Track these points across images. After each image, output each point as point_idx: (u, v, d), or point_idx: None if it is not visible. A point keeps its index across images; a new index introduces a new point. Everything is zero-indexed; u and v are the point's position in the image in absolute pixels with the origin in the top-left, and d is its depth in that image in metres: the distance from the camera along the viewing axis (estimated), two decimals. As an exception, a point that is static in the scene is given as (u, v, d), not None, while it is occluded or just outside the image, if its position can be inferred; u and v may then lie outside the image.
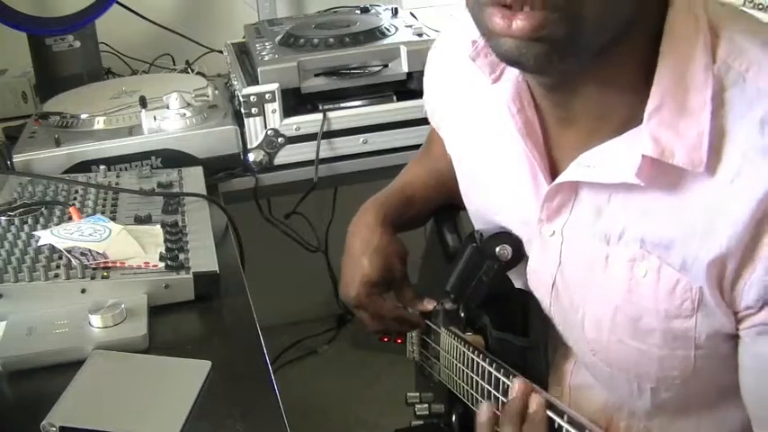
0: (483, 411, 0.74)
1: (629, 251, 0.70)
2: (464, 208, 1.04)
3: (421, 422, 0.96)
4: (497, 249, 0.82)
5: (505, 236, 0.83)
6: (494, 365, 0.76)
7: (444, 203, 1.03)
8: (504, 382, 0.74)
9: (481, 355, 0.79)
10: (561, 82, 0.70)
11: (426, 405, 0.94)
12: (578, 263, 0.76)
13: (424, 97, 1.04)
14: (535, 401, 0.69)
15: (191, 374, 0.82)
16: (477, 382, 0.79)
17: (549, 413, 0.67)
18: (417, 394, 0.96)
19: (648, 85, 0.65)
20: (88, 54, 1.68)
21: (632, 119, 0.67)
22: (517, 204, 0.81)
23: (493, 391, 0.76)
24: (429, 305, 0.94)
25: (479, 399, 0.79)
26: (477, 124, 0.86)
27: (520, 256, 0.82)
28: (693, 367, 0.71)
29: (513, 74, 0.76)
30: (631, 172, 0.65)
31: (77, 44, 1.64)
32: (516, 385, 0.71)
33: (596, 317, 0.75)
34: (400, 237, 0.98)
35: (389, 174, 1.11)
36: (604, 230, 0.72)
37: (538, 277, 0.81)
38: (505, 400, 0.73)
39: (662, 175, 0.65)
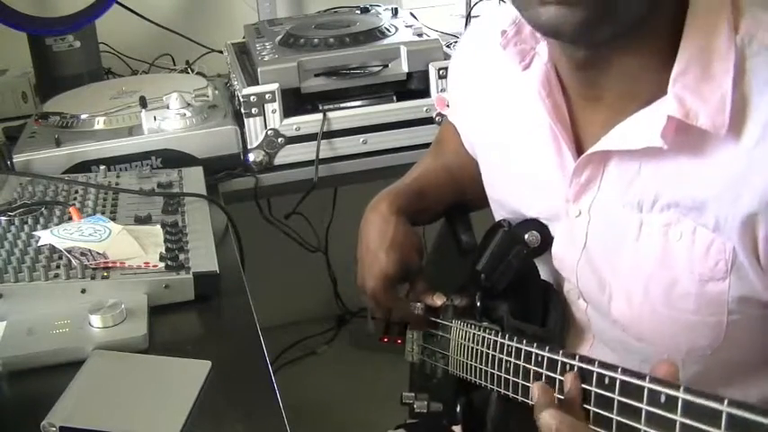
0: (536, 393, 0.69)
1: (663, 217, 0.72)
2: (474, 208, 1.04)
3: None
4: (526, 236, 0.85)
5: (533, 223, 0.86)
6: (524, 342, 0.74)
7: (456, 201, 1.03)
8: (537, 355, 0.71)
9: (507, 336, 0.78)
10: (592, 57, 0.72)
11: (425, 403, 0.94)
12: (606, 240, 0.78)
13: (447, 86, 1.05)
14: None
15: (191, 374, 0.82)
16: (501, 360, 0.78)
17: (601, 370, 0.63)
18: (412, 394, 0.96)
19: (673, 63, 0.68)
20: (88, 54, 1.68)
21: (657, 96, 0.70)
22: (544, 189, 0.83)
23: (523, 364, 0.74)
24: (438, 300, 0.94)
25: (504, 377, 0.77)
26: (505, 112, 0.88)
27: (547, 243, 0.85)
28: (724, 336, 0.73)
29: (541, 61, 0.80)
30: (656, 136, 0.68)
31: (77, 44, 1.64)
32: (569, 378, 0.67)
33: (626, 291, 0.77)
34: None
35: (389, 174, 1.11)
36: (637, 198, 0.74)
37: (562, 261, 0.84)
38: (539, 370, 0.70)
39: (686, 138, 0.68)
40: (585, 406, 0.63)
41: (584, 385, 0.64)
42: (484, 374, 0.82)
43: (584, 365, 0.64)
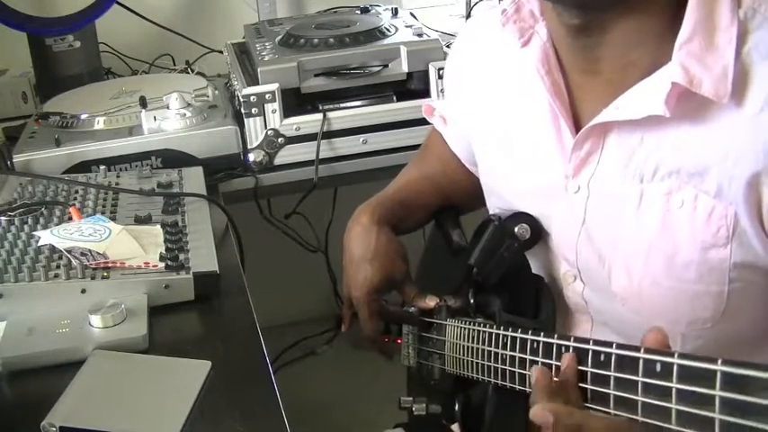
0: (537, 375, 0.69)
1: (663, 185, 0.73)
2: (463, 211, 1.05)
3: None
4: (516, 229, 0.86)
5: (524, 216, 0.87)
6: (519, 331, 0.75)
7: (442, 206, 1.04)
8: (533, 341, 0.72)
9: (502, 328, 0.79)
10: (591, 22, 0.72)
11: (423, 405, 0.95)
12: (605, 214, 0.79)
13: (444, 78, 1.06)
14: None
15: (191, 374, 0.82)
16: (496, 353, 0.79)
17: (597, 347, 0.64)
18: (411, 398, 0.96)
19: (671, 37, 0.69)
20: (88, 54, 1.68)
21: (655, 66, 0.71)
22: (542, 168, 0.84)
23: (519, 354, 0.74)
24: (431, 302, 0.95)
25: (501, 368, 0.78)
26: (503, 94, 0.89)
27: (537, 236, 0.86)
28: (725, 306, 0.74)
29: (540, 39, 0.81)
30: (660, 103, 0.68)
31: (77, 44, 1.64)
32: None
33: (626, 263, 0.78)
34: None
35: (389, 174, 1.11)
36: (639, 169, 0.75)
37: (562, 239, 0.84)
38: (535, 358, 0.71)
39: (688, 106, 0.69)
40: (582, 385, 0.64)
41: (580, 367, 0.64)
42: (480, 368, 0.82)
43: (579, 345, 0.65)
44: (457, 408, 0.90)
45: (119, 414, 0.76)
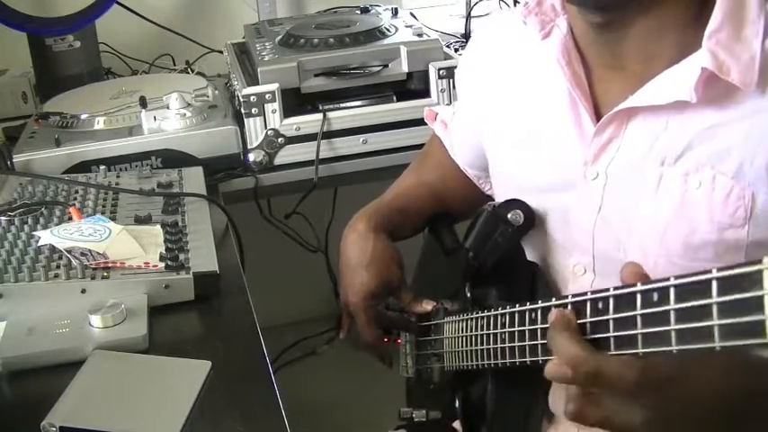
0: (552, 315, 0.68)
1: (683, 167, 0.74)
2: (459, 219, 1.05)
3: None
4: (509, 215, 0.87)
5: (517, 203, 0.87)
6: (517, 305, 0.74)
7: (436, 212, 1.04)
8: (531, 311, 0.71)
9: (499, 308, 0.78)
10: (613, 20, 0.74)
11: (423, 412, 0.95)
12: (623, 198, 0.80)
13: (456, 76, 1.07)
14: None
15: (191, 374, 0.82)
16: (496, 335, 0.78)
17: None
18: (410, 409, 0.96)
19: (694, 31, 0.72)
20: (88, 54, 1.68)
21: (679, 58, 0.72)
22: (560, 157, 0.84)
23: (518, 328, 0.74)
24: (428, 306, 0.95)
25: (500, 347, 0.77)
26: (521, 86, 0.90)
27: (531, 222, 0.87)
28: None
29: (560, 31, 0.82)
30: (687, 89, 0.70)
31: (77, 44, 1.64)
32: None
33: (642, 244, 0.78)
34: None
35: (389, 174, 1.11)
36: (661, 153, 0.76)
37: (578, 228, 0.84)
38: (535, 327, 0.71)
39: (714, 93, 0.71)
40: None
41: (580, 320, 0.63)
42: (482, 354, 0.81)
43: (577, 299, 0.64)
44: (457, 404, 0.90)
45: (119, 414, 0.76)
